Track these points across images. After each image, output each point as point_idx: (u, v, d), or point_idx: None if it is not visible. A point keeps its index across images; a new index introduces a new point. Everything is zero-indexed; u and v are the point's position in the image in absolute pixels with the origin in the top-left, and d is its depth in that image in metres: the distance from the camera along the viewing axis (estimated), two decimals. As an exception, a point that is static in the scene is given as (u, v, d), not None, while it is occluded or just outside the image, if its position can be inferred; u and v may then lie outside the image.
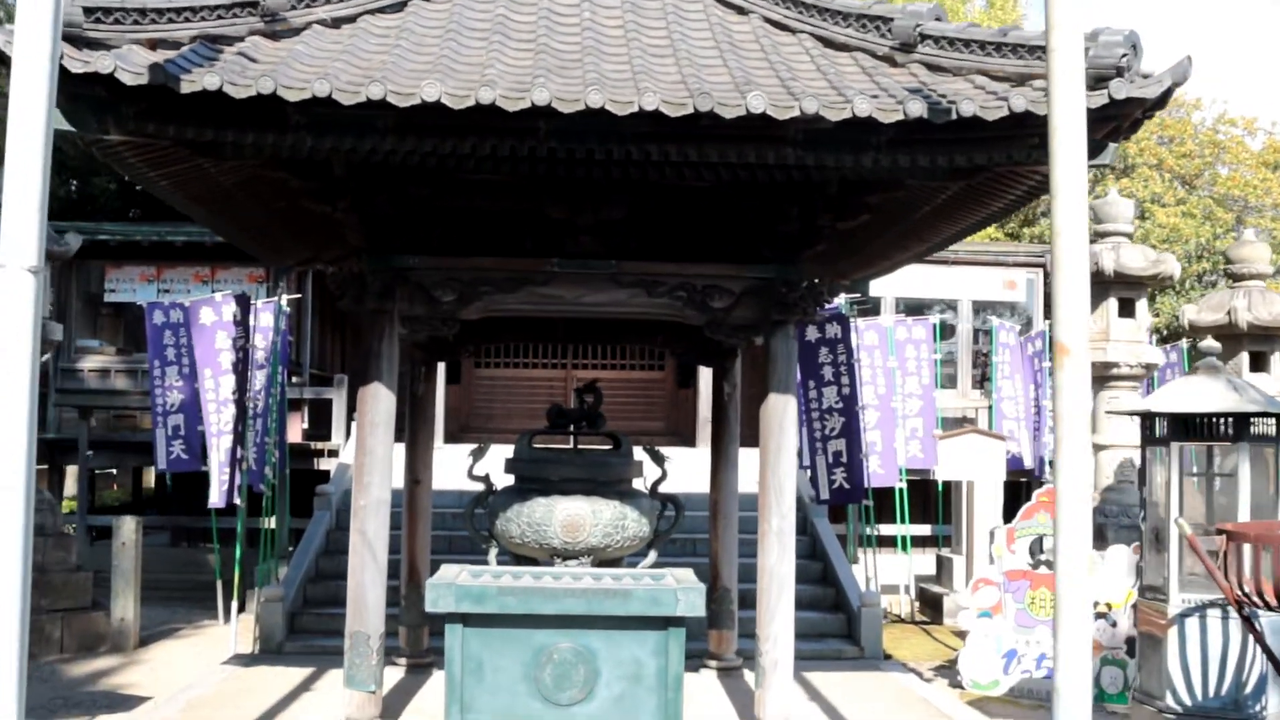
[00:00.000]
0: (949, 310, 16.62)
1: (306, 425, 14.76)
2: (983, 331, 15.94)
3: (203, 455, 11.21)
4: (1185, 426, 7.17)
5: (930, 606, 13.22)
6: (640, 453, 6.87)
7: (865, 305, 14.99)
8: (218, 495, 10.73)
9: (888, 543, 13.46)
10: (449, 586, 5.79)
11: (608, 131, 5.62)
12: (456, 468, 7.69)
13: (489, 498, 6.77)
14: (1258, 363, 11.33)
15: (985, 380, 15.39)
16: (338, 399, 14.51)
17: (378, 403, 6.85)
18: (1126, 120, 5.84)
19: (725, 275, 6.93)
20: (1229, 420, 7.06)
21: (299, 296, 14.25)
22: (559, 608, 5.79)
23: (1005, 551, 9.28)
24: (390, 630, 7.45)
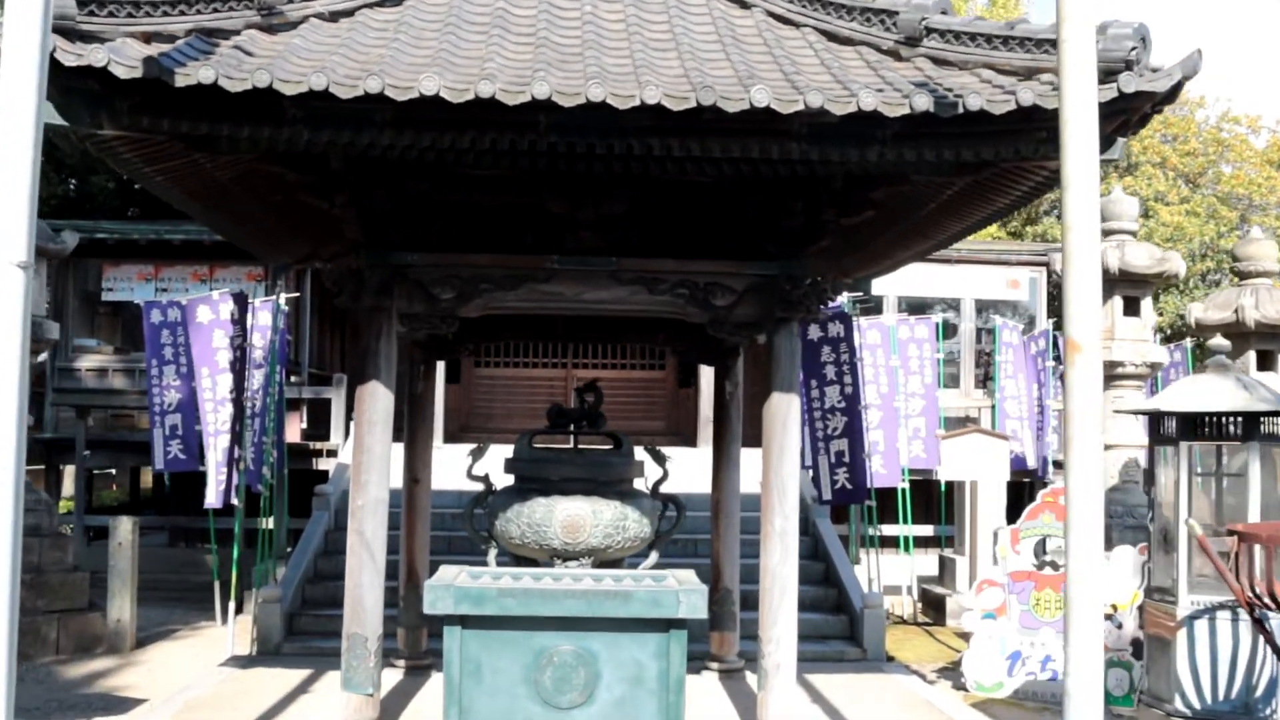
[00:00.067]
0: (951, 309, 16.57)
1: (305, 425, 14.70)
2: (985, 331, 15.89)
3: (200, 455, 11.14)
4: (1194, 425, 7.10)
5: (933, 608, 13.15)
6: (641, 453, 6.81)
7: (867, 304, 14.92)
8: (215, 495, 10.66)
9: (890, 543, 13.39)
10: (448, 588, 5.72)
11: (609, 126, 5.55)
12: (456, 467, 7.63)
13: (488, 498, 6.71)
14: (1265, 361, 11.22)
15: (988, 380, 15.33)
16: (336, 399, 14.44)
17: (375, 401, 6.79)
18: (1135, 114, 5.78)
19: (727, 272, 6.86)
20: (1238, 419, 6.99)
21: (297, 295, 14.18)
22: (559, 609, 5.72)
23: (1010, 552, 9.21)
24: (389, 632, 7.38)
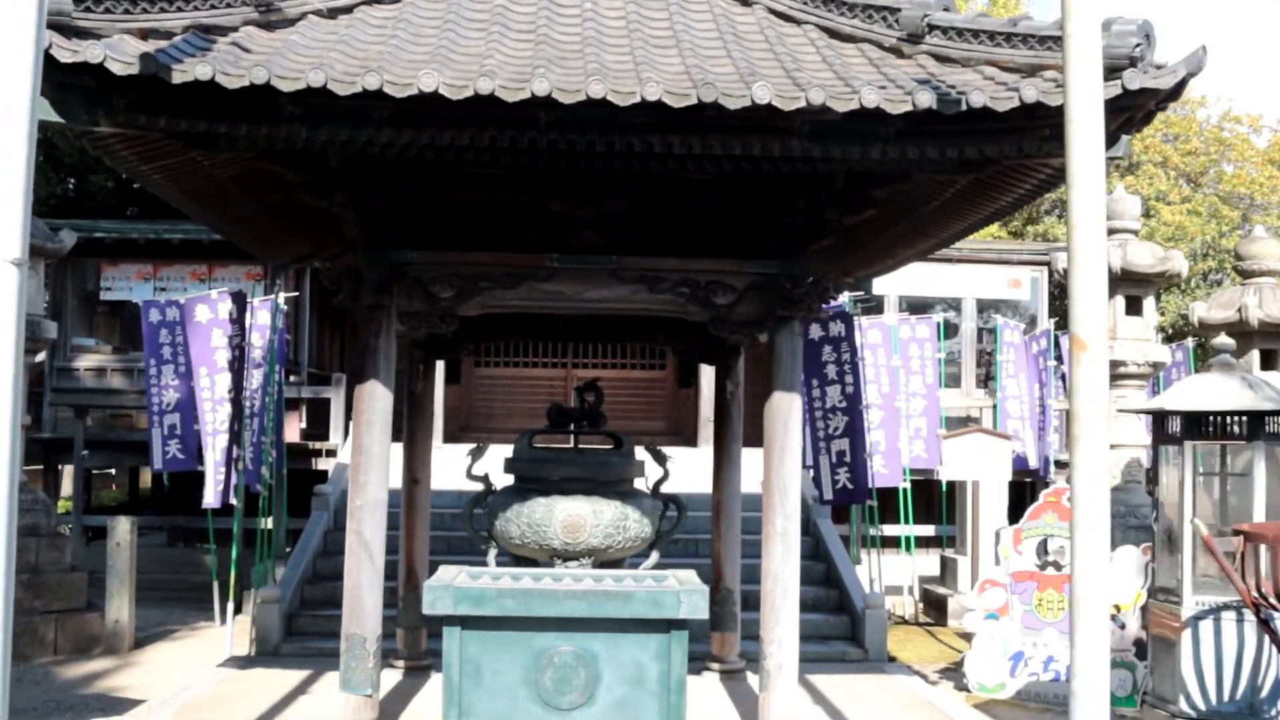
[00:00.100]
0: (953, 309, 16.54)
1: (304, 425, 14.67)
2: (987, 330, 15.86)
3: (199, 455, 11.10)
4: (1198, 425, 7.06)
5: (934, 608, 13.11)
6: (642, 452, 6.77)
7: (869, 303, 14.90)
8: (213, 495, 10.63)
9: (891, 543, 13.36)
10: (447, 588, 5.69)
11: (609, 123, 5.50)
12: (455, 467, 7.58)
13: (488, 498, 6.67)
14: (1268, 360, 11.18)
15: (989, 379, 15.29)
16: (336, 398, 14.41)
17: (374, 401, 6.74)
18: (1140, 112, 5.73)
19: (729, 270, 6.81)
20: (1243, 419, 6.95)
21: (296, 294, 14.16)
22: (559, 610, 5.69)
23: (1012, 552, 9.17)
24: (388, 632, 7.35)
